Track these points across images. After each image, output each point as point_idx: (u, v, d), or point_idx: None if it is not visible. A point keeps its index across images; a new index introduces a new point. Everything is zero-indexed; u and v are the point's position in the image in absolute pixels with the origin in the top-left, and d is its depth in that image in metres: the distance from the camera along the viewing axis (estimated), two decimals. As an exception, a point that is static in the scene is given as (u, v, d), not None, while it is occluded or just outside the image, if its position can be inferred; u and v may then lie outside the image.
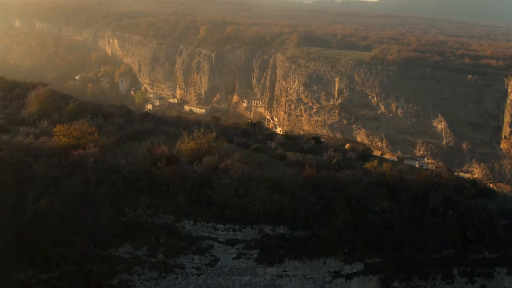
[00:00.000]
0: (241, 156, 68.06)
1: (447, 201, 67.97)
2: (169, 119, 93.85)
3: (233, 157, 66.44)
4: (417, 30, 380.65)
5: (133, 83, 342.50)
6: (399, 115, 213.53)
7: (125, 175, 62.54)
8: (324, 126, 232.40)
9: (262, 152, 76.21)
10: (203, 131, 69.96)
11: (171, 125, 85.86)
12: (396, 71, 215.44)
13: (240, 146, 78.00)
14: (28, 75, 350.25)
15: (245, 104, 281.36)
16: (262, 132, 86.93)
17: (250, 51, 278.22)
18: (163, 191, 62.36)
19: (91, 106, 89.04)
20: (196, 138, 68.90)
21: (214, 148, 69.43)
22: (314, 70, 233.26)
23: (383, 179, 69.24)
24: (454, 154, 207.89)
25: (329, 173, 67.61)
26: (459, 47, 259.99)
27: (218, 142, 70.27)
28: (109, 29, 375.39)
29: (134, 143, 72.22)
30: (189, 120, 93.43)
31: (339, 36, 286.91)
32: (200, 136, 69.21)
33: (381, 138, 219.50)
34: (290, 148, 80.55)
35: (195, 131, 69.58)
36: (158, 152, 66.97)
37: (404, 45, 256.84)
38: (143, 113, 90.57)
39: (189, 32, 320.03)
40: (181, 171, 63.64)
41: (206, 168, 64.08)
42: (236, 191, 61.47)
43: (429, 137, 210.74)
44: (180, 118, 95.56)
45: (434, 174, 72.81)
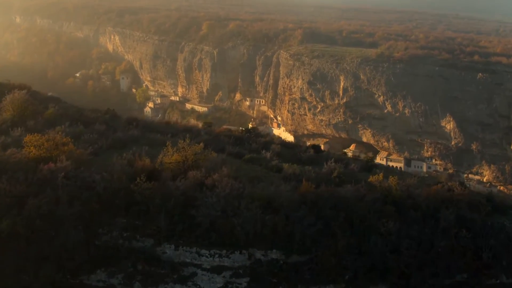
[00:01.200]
0: (231, 169, 61.44)
1: (460, 220, 61.46)
2: (157, 125, 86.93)
3: (221, 171, 59.72)
4: (424, 26, 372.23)
5: (134, 80, 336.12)
6: (406, 115, 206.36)
7: (99, 193, 56.21)
8: (328, 126, 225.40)
9: (256, 163, 69.61)
10: (188, 142, 62.89)
11: (158, 132, 79.30)
12: (403, 69, 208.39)
13: (232, 156, 71.43)
14: (28, 72, 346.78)
15: (248, 103, 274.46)
16: (257, 140, 79.94)
17: (253, 48, 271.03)
18: (142, 211, 55.96)
19: (72, 111, 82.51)
20: (181, 150, 62.19)
21: (202, 160, 62.75)
22: (319, 68, 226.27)
23: (389, 194, 62.68)
24: (463, 155, 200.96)
25: (329, 188, 60.94)
26: (468, 43, 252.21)
27: (205, 154, 63.52)
28: (110, 25, 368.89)
29: (114, 153, 65.78)
30: (178, 126, 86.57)
31: (345, 33, 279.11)
32: (186, 147, 62.51)
33: (388, 139, 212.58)
34: (287, 158, 73.93)
35: (180, 142, 62.80)
36: (139, 165, 60.51)
37: (412, 41, 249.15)
38: (129, 119, 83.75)
39: (191, 29, 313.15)
40: (163, 188, 57.16)
41: (190, 185, 57.55)
42: (223, 211, 54.92)
43: (437, 137, 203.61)
44: (168, 124, 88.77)
45: (445, 189, 65.92)
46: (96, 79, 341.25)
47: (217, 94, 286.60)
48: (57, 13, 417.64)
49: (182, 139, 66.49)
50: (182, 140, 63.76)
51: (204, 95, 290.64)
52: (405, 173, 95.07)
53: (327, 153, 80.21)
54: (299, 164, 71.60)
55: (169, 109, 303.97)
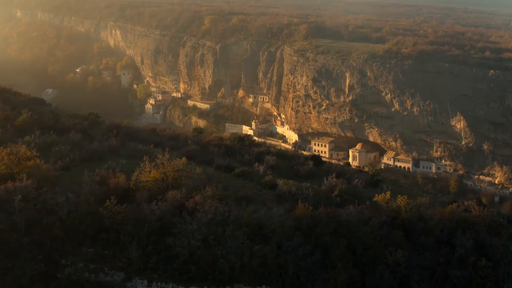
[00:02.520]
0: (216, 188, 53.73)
1: (478, 246, 54.59)
2: (141, 132, 79.07)
3: (205, 192, 52.07)
4: (433, 20, 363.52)
5: (135, 76, 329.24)
6: (415, 113, 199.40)
7: (62, 218, 48.68)
8: (334, 124, 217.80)
9: (247, 178, 62.22)
10: (168, 156, 55.20)
11: (141, 140, 71.66)
12: (411, 65, 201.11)
13: (221, 170, 63.89)
14: (28, 67, 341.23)
15: (251, 99, 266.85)
16: (250, 151, 72.09)
17: (257, 43, 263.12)
18: (112, 239, 48.59)
19: (48, 117, 74.77)
20: (159, 166, 54.54)
21: (184, 178, 55.12)
22: (323, 64, 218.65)
23: (397, 216, 55.07)
24: (474, 156, 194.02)
25: (329, 210, 53.40)
26: (479, 39, 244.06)
27: (188, 170, 55.86)
28: (111, 20, 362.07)
29: (87, 168, 58.31)
30: (164, 134, 78.80)
31: (351, 27, 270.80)
32: (165, 162, 54.82)
33: (395, 138, 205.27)
34: (283, 171, 66.47)
35: (158, 156, 55.12)
36: (112, 184, 53.04)
37: (420, 37, 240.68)
38: (110, 126, 76.01)
39: (194, 23, 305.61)
40: (136, 211, 49.65)
41: (168, 208, 50.00)
42: (205, 240, 47.40)
43: (447, 137, 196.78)
44: (154, 131, 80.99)
45: (461, 209, 58.09)
46: (96, 74, 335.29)
47: (219, 90, 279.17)
48: (58, 7, 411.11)
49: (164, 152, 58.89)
50: (161, 154, 55.86)
51: (206, 92, 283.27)
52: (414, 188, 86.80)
53: (328, 165, 72.30)
54: (296, 179, 64.08)
55: (170, 105, 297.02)
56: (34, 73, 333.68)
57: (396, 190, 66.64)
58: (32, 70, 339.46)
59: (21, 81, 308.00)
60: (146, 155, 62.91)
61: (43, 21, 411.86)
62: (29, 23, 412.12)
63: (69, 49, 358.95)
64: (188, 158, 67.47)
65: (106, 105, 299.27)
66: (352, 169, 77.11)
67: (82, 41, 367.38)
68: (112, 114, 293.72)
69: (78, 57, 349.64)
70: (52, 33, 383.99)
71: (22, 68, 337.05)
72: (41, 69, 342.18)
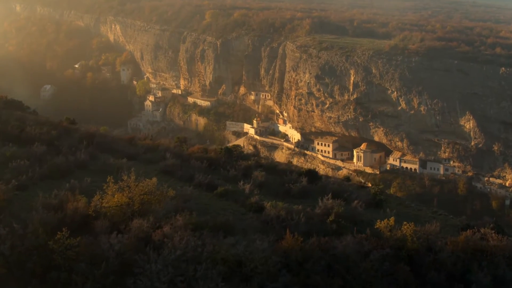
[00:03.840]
0: (190, 217, 45.74)
1: (497, 282, 46.32)
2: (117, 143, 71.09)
3: (175, 220, 44.27)
4: (440, 14, 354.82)
5: (135, 72, 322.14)
6: (422, 112, 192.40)
7: (5, 253, 40.73)
8: (337, 124, 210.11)
9: (230, 198, 54.47)
10: (133, 178, 47.33)
11: (115, 152, 63.86)
12: (419, 62, 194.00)
13: (201, 188, 55.97)
14: (26, 63, 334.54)
15: (252, 97, 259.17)
16: (237, 165, 64.05)
17: (258, 38, 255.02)
18: (63, 279, 40.51)
19: (13, 125, 66.88)
20: (124, 188, 46.72)
21: (154, 202, 47.30)
22: (327, 61, 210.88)
23: (402, 247, 46.98)
24: (484, 157, 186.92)
25: (322, 241, 45.39)
26: (488, 34, 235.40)
27: (158, 193, 48.02)
28: (111, 14, 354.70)
29: (47, 187, 50.71)
30: (142, 144, 70.89)
31: (356, 22, 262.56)
32: (132, 184, 46.99)
33: (402, 138, 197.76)
34: (272, 189, 58.61)
35: (124, 177, 47.29)
36: (69, 210, 45.37)
37: (428, 32, 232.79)
38: (83, 135, 68.17)
39: (195, 18, 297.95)
40: (93, 246, 41.58)
41: (131, 242, 41.97)
42: (171, 282, 39.30)
43: (456, 137, 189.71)
44: (132, 141, 72.91)
45: (477, 237, 50.04)
46: (95, 70, 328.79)
47: (220, 87, 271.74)
48: (58, 1, 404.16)
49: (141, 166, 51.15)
50: (126, 175, 47.98)
51: (207, 89, 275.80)
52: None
53: (325, 181, 64.17)
54: (287, 198, 56.30)
55: (170, 102, 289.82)
56: (32, 69, 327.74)
57: (401, 212, 58.79)
58: (30, 65, 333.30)
59: (18, 77, 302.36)
60: (118, 170, 55.71)
61: (43, 16, 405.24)
62: (28, 17, 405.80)
63: (68, 44, 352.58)
64: (166, 174, 60.16)
65: (105, 102, 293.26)
66: (352, 185, 69.12)
67: (81, 36, 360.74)
68: (111, 111, 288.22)
69: (77, 53, 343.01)
70: (51, 28, 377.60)
71: (20, 64, 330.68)
72: (39, 65, 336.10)
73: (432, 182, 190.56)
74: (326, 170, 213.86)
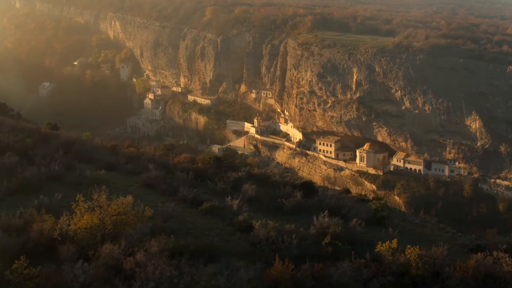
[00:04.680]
0: (167, 241, 40.78)
1: (512, 314, 40.80)
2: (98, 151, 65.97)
3: (150, 245, 39.35)
4: (445, 11, 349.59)
5: (135, 69, 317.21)
6: (427, 112, 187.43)
7: (-45, 285, 35.92)
8: (340, 123, 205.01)
9: (217, 216, 49.53)
10: (105, 196, 42.31)
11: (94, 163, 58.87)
12: (423, 60, 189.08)
13: (186, 204, 51.01)
14: (24, 60, 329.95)
15: (253, 95, 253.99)
16: (226, 176, 58.89)
17: (259, 35, 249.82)
18: (20, 315, 35.73)
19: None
20: (95, 208, 41.75)
21: (130, 224, 42.34)
22: (329, 59, 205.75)
23: (406, 273, 41.96)
24: (490, 158, 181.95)
25: (316, 268, 40.37)
26: (495, 31, 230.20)
27: (134, 213, 43.03)
28: (111, 10, 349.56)
29: (14, 204, 46.01)
30: (125, 153, 65.87)
31: (359, 19, 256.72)
32: (104, 204, 42.00)
33: (406, 138, 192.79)
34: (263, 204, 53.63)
35: (93, 196, 42.27)
36: (33, 232, 40.60)
37: (433, 29, 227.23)
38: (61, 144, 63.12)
39: (195, 14, 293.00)
40: (55, 276, 36.66)
41: (98, 271, 37.02)
42: (141, 321, 34.55)
43: (461, 137, 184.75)
44: (114, 148, 67.85)
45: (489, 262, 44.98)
46: (95, 67, 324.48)
47: (221, 85, 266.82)
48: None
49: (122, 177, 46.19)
50: (97, 192, 42.92)
51: (207, 87, 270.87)
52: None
53: (322, 195, 58.94)
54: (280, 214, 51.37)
55: (170, 101, 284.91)
56: (30, 66, 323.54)
57: (404, 229, 53.78)
58: (29, 63, 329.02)
59: (17, 75, 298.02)
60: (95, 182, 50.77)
61: (42, 12, 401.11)
62: (28, 14, 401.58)
63: (67, 41, 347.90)
64: (147, 187, 55.21)
65: (104, 100, 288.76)
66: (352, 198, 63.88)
67: (81, 33, 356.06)
68: (110, 109, 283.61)
69: (77, 49, 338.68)
70: (50, 25, 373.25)
71: (19, 61, 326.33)
72: (38, 62, 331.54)
73: (437, 183, 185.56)
74: (328, 171, 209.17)
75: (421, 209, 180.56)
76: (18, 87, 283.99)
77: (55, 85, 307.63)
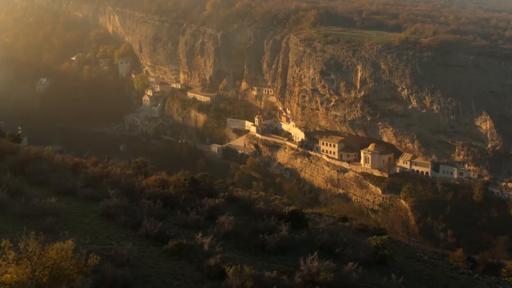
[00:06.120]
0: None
1: None
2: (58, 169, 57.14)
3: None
4: (453, 4, 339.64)
5: (134, 65, 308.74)
6: (435, 112, 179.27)
7: None
8: (343, 123, 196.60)
9: (184, 257, 40.98)
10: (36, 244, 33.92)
11: (49, 186, 50.44)
12: (431, 57, 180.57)
13: (149, 241, 42.60)
14: (21, 55, 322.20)
15: (254, 92, 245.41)
16: (201, 204, 50.07)
17: (261, 30, 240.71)
18: None
19: None
20: (23, 258, 33.35)
21: (68, 276, 33.96)
22: (333, 56, 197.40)
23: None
24: (501, 161, 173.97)
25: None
26: (506, 26, 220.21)
27: (73, 262, 34.57)
28: (110, 4, 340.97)
29: None
30: (88, 172, 56.92)
31: (365, 13, 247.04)
32: (36, 250, 33.64)
33: (412, 139, 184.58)
34: (242, 241, 45.09)
35: (20, 245, 33.82)
36: None
37: (441, 24, 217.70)
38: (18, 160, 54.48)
39: (195, 8, 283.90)
40: None
41: None
42: None
43: (471, 138, 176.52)
44: (77, 166, 58.99)
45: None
46: (93, 63, 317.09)
47: (221, 82, 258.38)
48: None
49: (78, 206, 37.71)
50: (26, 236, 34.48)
51: (207, 83, 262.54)
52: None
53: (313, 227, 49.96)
54: (261, 254, 42.84)
55: (169, 98, 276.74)
56: (28, 62, 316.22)
57: (411, 270, 45.22)
58: (26, 58, 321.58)
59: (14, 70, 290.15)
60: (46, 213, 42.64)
61: (40, 6, 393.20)
62: (26, 7, 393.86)
63: (65, 35, 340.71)
64: (107, 218, 46.78)
65: (102, 97, 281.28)
66: (348, 230, 54.98)
67: (79, 27, 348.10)
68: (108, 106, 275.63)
69: (75, 45, 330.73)
70: (48, 19, 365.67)
71: (16, 56, 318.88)
72: (35, 57, 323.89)
73: (445, 187, 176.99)
74: (331, 172, 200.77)
75: (429, 214, 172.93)
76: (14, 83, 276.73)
77: (52, 81, 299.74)
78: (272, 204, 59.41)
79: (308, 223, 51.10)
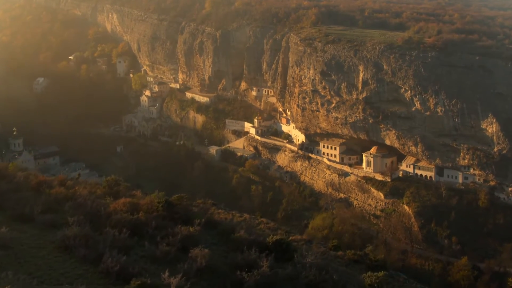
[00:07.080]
0: None
1: None
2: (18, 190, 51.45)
3: None
4: (458, 2, 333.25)
5: (132, 64, 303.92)
6: (439, 114, 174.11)
7: None
8: (345, 125, 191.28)
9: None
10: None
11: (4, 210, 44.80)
12: (435, 58, 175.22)
13: (110, 279, 36.85)
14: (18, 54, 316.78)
15: (254, 93, 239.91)
16: (174, 233, 44.10)
17: (260, 29, 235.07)
18: None
19: None
20: None
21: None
22: (334, 56, 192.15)
23: None
24: (508, 165, 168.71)
25: None
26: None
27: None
28: (108, 2, 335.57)
29: None
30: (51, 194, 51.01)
31: (367, 12, 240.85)
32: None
33: (416, 142, 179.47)
34: (217, 278, 39.20)
35: None
36: None
37: (445, 23, 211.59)
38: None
39: (194, 6, 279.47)
40: None
41: None
42: None
43: (477, 142, 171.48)
44: (39, 188, 52.96)
45: None
46: (91, 62, 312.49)
47: (220, 82, 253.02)
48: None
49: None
50: None
51: (206, 83, 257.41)
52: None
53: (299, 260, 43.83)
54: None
55: (167, 98, 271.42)
56: (25, 61, 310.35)
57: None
58: (24, 57, 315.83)
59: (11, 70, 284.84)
60: None
61: (39, 4, 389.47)
62: (24, 5, 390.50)
63: (63, 34, 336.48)
64: (65, 251, 41.03)
65: (100, 97, 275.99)
66: (340, 263, 48.98)
67: (77, 26, 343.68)
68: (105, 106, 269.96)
69: (73, 43, 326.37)
70: (47, 17, 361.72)
71: (13, 55, 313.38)
72: (33, 56, 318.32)
73: (450, 192, 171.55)
74: (332, 176, 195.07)
75: (432, 220, 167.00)
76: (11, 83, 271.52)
77: (50, 80, 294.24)
78: (256, 229, 53.69)
79: (295, 254, 45.36)
